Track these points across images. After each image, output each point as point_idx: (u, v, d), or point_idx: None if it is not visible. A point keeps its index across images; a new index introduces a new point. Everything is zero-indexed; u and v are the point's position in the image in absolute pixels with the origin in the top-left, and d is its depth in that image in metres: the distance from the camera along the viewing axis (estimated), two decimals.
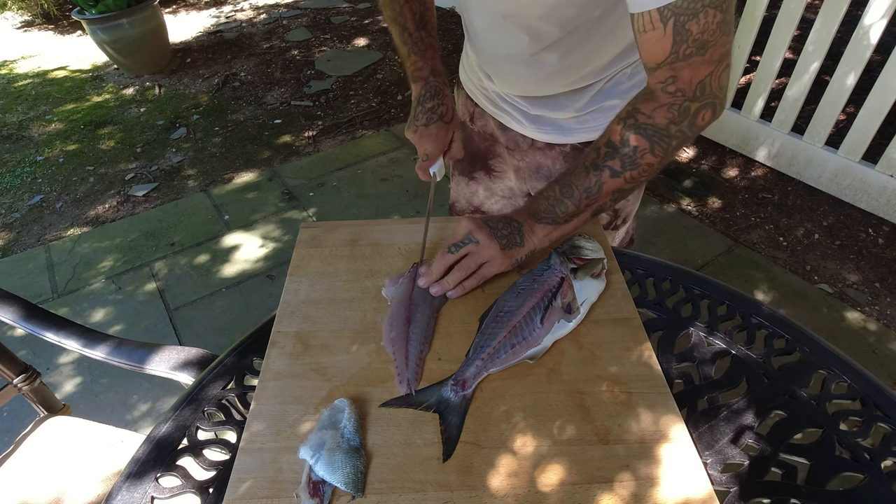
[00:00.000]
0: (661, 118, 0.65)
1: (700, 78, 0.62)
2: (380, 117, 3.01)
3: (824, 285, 1.91)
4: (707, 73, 0.62)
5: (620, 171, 0.69)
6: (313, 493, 0.54)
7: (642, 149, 0.67)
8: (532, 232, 0.74)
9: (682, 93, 0.63)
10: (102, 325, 1.92)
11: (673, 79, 0.63)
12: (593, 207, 0.73)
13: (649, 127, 0.66)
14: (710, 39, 0.59)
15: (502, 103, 0.95)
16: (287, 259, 1.14)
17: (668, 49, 0.60)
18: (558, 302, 0.71)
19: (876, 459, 0.60)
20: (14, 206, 2.55)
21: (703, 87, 0.63)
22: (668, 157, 0.69)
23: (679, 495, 0.54)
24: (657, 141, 0.66)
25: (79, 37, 4.31)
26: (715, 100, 0.64)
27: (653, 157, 0.68)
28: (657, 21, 0.59)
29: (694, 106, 0.64)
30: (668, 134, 0.66)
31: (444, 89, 0.88)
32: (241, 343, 0.75)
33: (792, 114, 2.25)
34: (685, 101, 0.64)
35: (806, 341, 0.73)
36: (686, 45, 0.59)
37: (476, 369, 0.65)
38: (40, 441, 1.02)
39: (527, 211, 0.75)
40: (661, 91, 0.64)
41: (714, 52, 0.60)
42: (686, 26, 0.58)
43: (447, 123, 0.88)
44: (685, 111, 0.64)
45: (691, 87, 0.63)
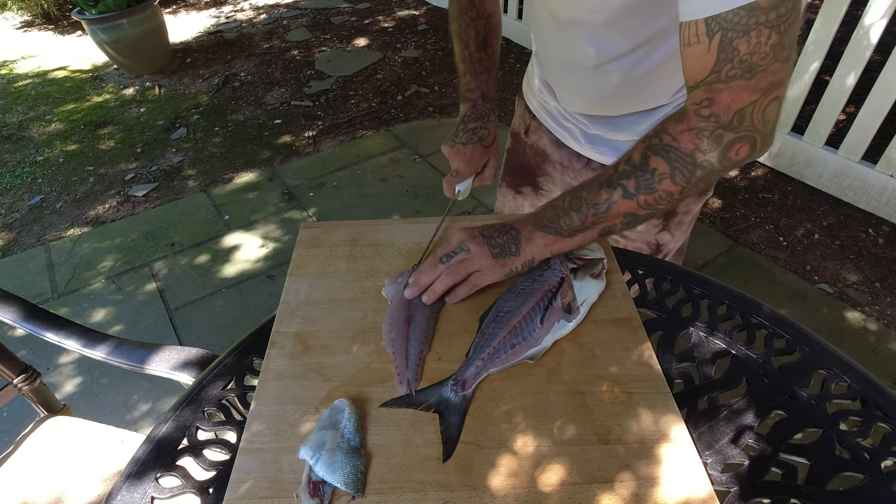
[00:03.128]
0: (687, 143, 0.58)
1: (741, 105, 0.55)
2: (380, 117, 3.01)
3: (824, 285, 1.91)
4: (750, 102, 0.54)
5: (634, 192, 0.63)
6: (313, 494, 0.54)
7: (661, 173, 0.61)
8: (530, 240, 0.71)
9: (717, 119, 0.56)
10: (102, 325, 1.92)
11: (709, 101, 0.56)
12: (601, 227, 0.67)
13: (672, 150, 0.59)
14: (760, 63, 0.52)
15: (562, 119, 0.94)
16: (287, 259, 1.14)
17: (709, 67, 0.54)
18: (558, 302, 0.71)
19: (876, 459, 0.60)
20: (14, 206, 2.55)
21: (743, 116, 0.55)
22: (690, 189, 0.61)
23: (679, 495, 0.54)
24: (679, 167, 0.59)
25: (79, 37, 4.31)
26: (756, 134, 0.56)
27: (672, 185, 0.61)
28: (703, 34, 0.53)
29: (728, 136, 0.56)
30: (692, 162, 0.59)
31: (490, 115, 0.88)
32: (241, 343, 0.75)
33: (792, 114, 2.25)
34: (718, 128, 0.56)
35: (806, 341, 0.73)
36: (731, 66, 0.53)
37: (476, 369, 0.65)
38: (40, 441, 1.02)
39: (532, 218, 0.72)
40: (694, 113, 0.58)
41: (762, 78, 0.53)
42: (734, 44, 0.52)
43: (485, 147, 0.88)
44: (716, 140, 0.57)
45: (728, 113, 0.55)
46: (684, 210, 0.96)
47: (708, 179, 0.61)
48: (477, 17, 0.90)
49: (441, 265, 0.72)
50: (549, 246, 0.71)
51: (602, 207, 0.65)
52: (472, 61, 0.90)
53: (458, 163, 0.87)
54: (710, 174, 0.60)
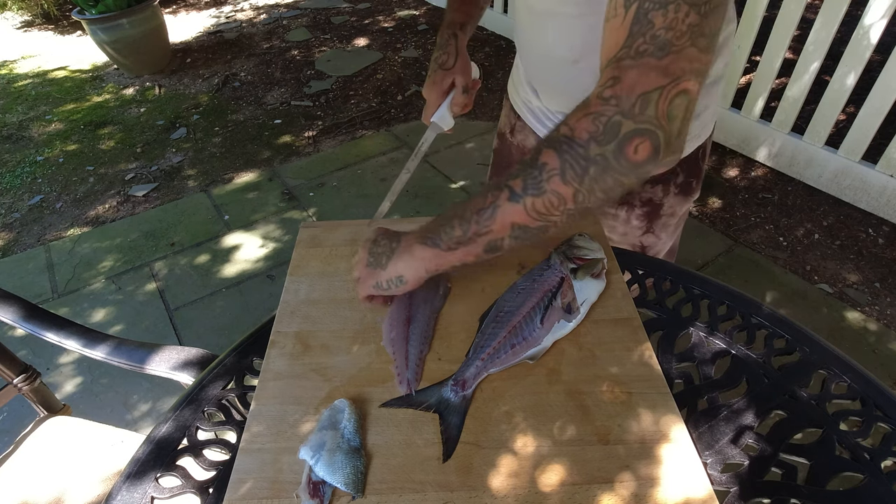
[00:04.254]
0: (582, 131, 0.50)
1: (645, 88, 0.47)
2: (380, 117, 3.01)
3: (824, 285, 1.91)
4: (656, 86, 0.47)
5: (521, 193, 0.53)
6: (313, 494, 0.54)
7: (551, 168, 0.51)
8: (406, 254, 0.64)
9: (618, 101, 0.48)
10: (102, 325, 1.92)
11: (614, 80, 0.49)
12: (486, 239, 0.57)
13: (566, 141, 0.51)
14: (675, 42, 0.46)
15: (545, 119, 0.94)
16: (287, 259, 1.14)
17: (622, 41, 0.49)
18: (558, 302, 0.71)
19: (876, 459, 0.60)
20: (14, 206, 2.55)
21: (647, 102, 0.47)
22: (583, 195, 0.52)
23: (679, 495, 0.54)
24: (570, 162, 0.50)
25: (79, 37, 4.31)
26: (658, 130, 0.48)
27: (562, 185, 0.51)
28: (620, 6, 0.48)
29: (626, 125, 0.48)
30: (585, 155, 0.50)
31: (450, 40, 0.89)
32: (241, 343, 0.75)
33: (792, 114, 2.25)
34: (617, 113, 0.48)
35: (806, 341, 0.73)
36: (643, 40, 0.47)
37: (476, 369, 0.65)
38: (40, 441, 1.02)
39: (419, 230, 0.64)
40: (597, 97, 0.50)
41: (675, 61, 0.47)
42: (649, 16, 0.47)
43: (446, 70, 0.88)
44: (613, 128, 0.48)
45: (631, 96, 0.48)
46: (669, 212, 0.95)
47: (604, 183, 0.51)
48: None
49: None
50: (424, 261, 0.63)
51: (486, 214, 0.56)
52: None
53: (425, 94, 0.90)
54: (604, 174, 0.50)
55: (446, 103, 0.90)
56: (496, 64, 3.41)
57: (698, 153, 0.89)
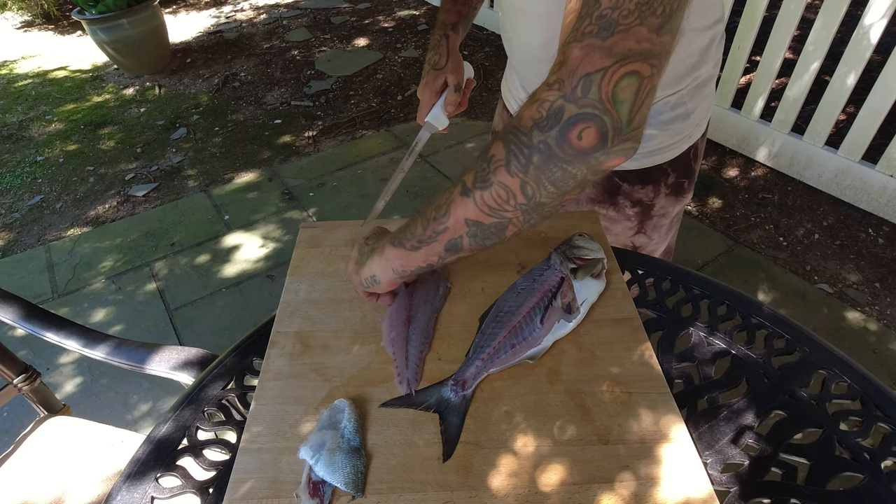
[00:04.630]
0: (527, 118, 0.48)
1: (587, 70, 0.44)
2: (380, 117, 3.01)
3: (824, 285, 1.91)
4: (598, 68, 0.44)
5: (471, 187, 0.52)
6: (313, 494, 0.54)
7: (497, 160, 0.50)
8: (379, 254, 0.65)
9: (560, 85, 0.46)
10: (102, 325, 1.92)
11: (559, 65, 0.47)
12: (445, 238, 0.56)
13: (512, 131, 0.49)
14: (621, 22, 0.43)
15: None
16: (287, 259, 1.14)
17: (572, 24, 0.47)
18: (558, 302, 0.71)
19: (876, 459, 0.60)
20: (14, 206, 2.55)
21: (589, 84, 0.44)
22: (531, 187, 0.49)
23: (679, 495, 0.54)
24: (515, 151, 0.49)
25: (79, 37, 4.31)
26: (604, 115, 0.45)
27: (508, 175, 0.49)
28: None
29: (569, 109, 0.45)
30: (528, 143, 0.48)
31: (442, 41, 0.89)
32: (241, 343, 0.75)
33: (792, 114, 2.25)
34: (559, 97, 0.46)
35: (806, 341, 0.73)
36: (589, 21, 0.45)
37: (476, 369, 0.65)
38: (40, 441, 1.02)
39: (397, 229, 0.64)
40: (544, 83, 0.48)
41: (620, 40, 0.44)
42: None
43: (438, 70, 0.89)
44: (555, 113, 0.46)
45: (573, 77, 0.45)
46: (660, 213, 0.95)
47: (550, 173, 0.48)
48: None
49: None
50: (390, 261, 0.63)
51: (442, 210, 0.55)
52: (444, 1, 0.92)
53: (420, 94, 0.90)
54: (549, 162, 0.47)
55: (440, 103, 0.90)
56: (496, 64, 3.41)
57: (689, 153, 0.89)
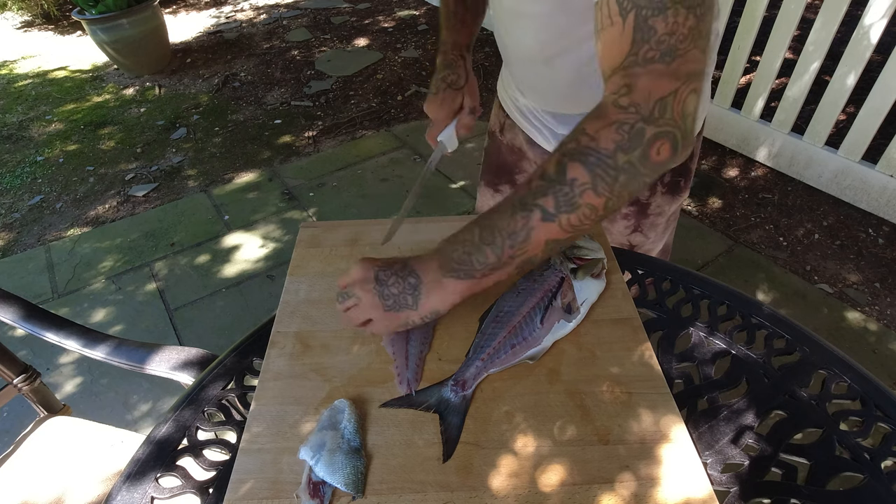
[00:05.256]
0: (607, 140, 0.51)
1: (661, 94, 0.49)
2: (380, 117, 3.01)
3: (824, 285, 1.91)
4: (670, 91, 0.49)
5: (554, 212, 0.53)
6: (313, 494, 0.54)
7: (582, 183, 0.52)
8: (437, 289, 0.60)
9: (636, 109, 0.50)
10: (102, 325, 1.92)
11: (628, 89, 0.50)
12: (520, 260, 0.57)
13: (592, 153, 0.51)
14: (679, 46, 0.48)
15: (531, 118, 0.94)
16: (287, 259, 1.14)
17: (626, 49, 0.50)
18: (558, 302, 0.71)
19: (876, 459, 0.60)
20: (14, 206, 2.55)
21: (665, 107, 0.50)
22: (613, 202, 0.53)
23: (679, 495, 0.54)
24: (601, 174, 0.51)
25: (79, 37, 4.31)
26: (676, 129, 0.50)
27: (595, 197, 0.52)
28: (615, 14, 0.50)
29: (649, 130, 0.50)
30: (614, 165, 0.51)
31: (458, 61, 0.88)
32: (241, 343, 0.75)
33: (792, 114, 2.25)
34: (639, 120, 0.50)
35: (806, 341, 0.73)
36: (649, 47, 0.49)
37: (476, 369, 0.65)
38: (40, 441, 1.02)
39: (437, 259, 0.61)
40: (613, 105, 0.51)
41: (682, 64, 0.49)
42: (650, 22, 0.48)
43: (456, 90, 0.87)
44: (637, 135, 0.50)
45: (649, 102, 0.50)
46: (657, 211, 0.95)
47: (631, 188, 0.53)
48: None
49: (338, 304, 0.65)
50: (460, 293, 0.61)
51: (520, 237, 0.55)
52: (448, 16, 0.91)
53: (432, 112, 0.88)
54: (633, 180, 0.52)
55: (454, 123, 0.88)
56: (496, 64, 3.41)
57: None
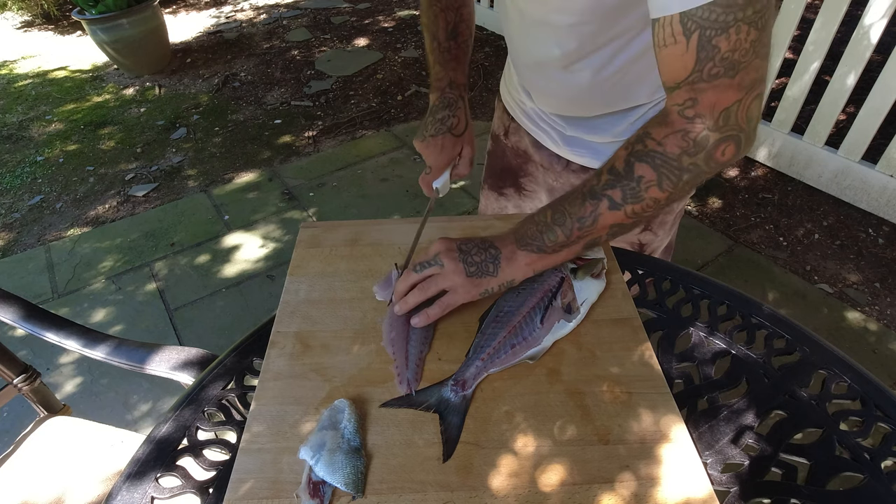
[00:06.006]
0: (673, 146, 0.57)
1: (725, 105, 0.54)
2: (380, 117, 3.01)
3: (824, 285, 1.91)
4: (735, 100, 0.54)
5: (621, 203, 0.61)
6: (313, 494, 0.54)
7: (648, 180, 0.59)
8: (512, 260, 0.68)
9: (702, 119, 0.55)
10: (102, 325, 1.92)
11: (693, 101, 0.55)
12: (586, 240, 0.65)
13: (658, 156, 0.58)
14: (742, 60, 0.51)
15: (539, 121, 0.93)
16: (287, 259, 1.14)
17: (690, 66, 0.53)
18: (558, 302, 0.71)
19: (876, 459, 0.60)
20: (14, 206, 2.55)
21: (728, 115, 0.54)
22: (677, 194, 0.60)
23: (679, 495, 0.54)
24: (666, 173, 0.58)
25: (79, 37, 4.31)
26: (740, 133, 0.55)
27: (659, 192, 0.59)
28: (679, 34, 0.52)
29: (713, 137, 0.55)
30: (679, 166, 0.57)
31: (458, 102, 0.86)
32: (241, 343, 0.75)
33: (792, 114, 2.25)
34: (704, 129, 0.55)
35: (806, 341, 0.73)
36: (712, 64, 0.52)
37: (476, 369, 0.65)
38: (40, 441, 1.02)
39: (513, 235, 0.69)
40: (678, 115, 0.57)
41: (745, 76, 0.52)
42: (713, 41, 0.51)
43: (456, 136, 0.85)
44: (702, 142, 0.56)
45: (713, 113, 0.55)
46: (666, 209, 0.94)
47: (695, 182, 0.59)
48: (446, 7, 0.88)
49: (414, 275, 0.69)
50: (531, 265, 0.68)
51: (588, 221, 0.63)
52: (440, 51, 0.88)
53: (430, 157, 0.85)
54: (697, 177, 0.58)
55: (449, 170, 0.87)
56: (496, 64, 3.41)
57: None
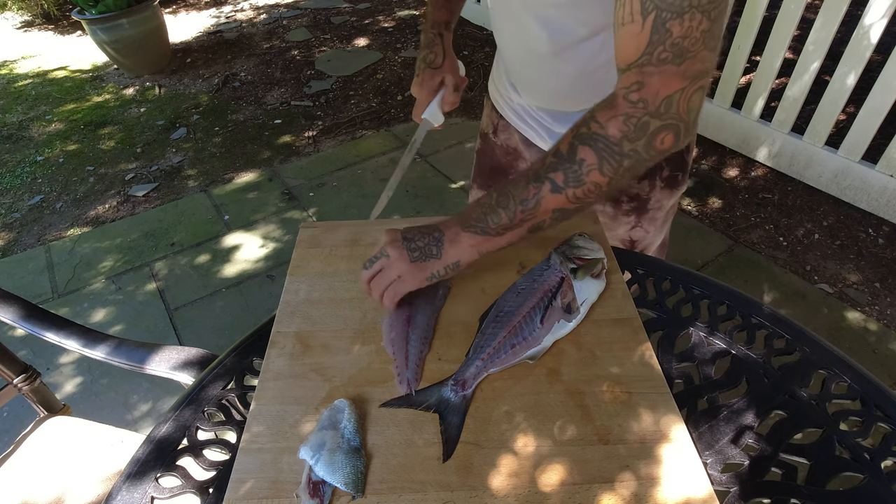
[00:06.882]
0: (614, 130, 0.58)
1: (669, 92, 0.55)
2: (380, 117, 3.01)
3: (824, 285, 1.91)
4: (678, 89, 0.55)
5: (562, 186, 0.61)
6: (313, 494, 0.54)
7: (590, 164, 0.59)
8: (456, 242, 0.67)
9: (645, 104, 0.56)
10: (102, 325, 1.92)
11: (639, 85, 0.56)
12: (530, 224, 0.65)
13: (601, 139, 0.58)
14: (691, 48, 0.53)
15: (527, 117, 0.94)
16: (287, 259, 1.14)
17: (642, 48, 0.54)
18: (558, 302, 0.71)
19: (876, 459, 0.60)
20: (14, 206, 2.55)
21: (670, 103, 0.55)
22: (617, 180, 0.60)
23: (679, 495, 0.54)
24: (607, 157, 0.58)
25: (79, 37, 4.31)
26: (680, 122, 0.56)
27: (600, 176, 0.60)
28: (637, 13, 0.53)
29: (654, 123, 0.56)
30: (620, 151, 0.58)
31: (436, 39, 0.91)
32: (241, 343, 0.75)
33: (792, 114, 2.25)
34: (645, 114, 0.56)
35: (806, 341, 0.73)
36: (663, 48, 0.53)
37: (476, 369, 0.65)
38: (40, 441, 1.02)
39: (458, 218, 0.69)
40: (623, 98, 0.57)
41: (691, 65, 0.54)
42: (667, 25, 0.52)
43: (434, 69, 0.91)
44: (643, 127, 0.56)
45: (656, 99, 0.55)
46: (656, 206, 0.95)
47: (635, 169, 0.60)
48: None
49: (366, 272, 0.70)
50: (476, 247, 0.68)
51: (530, 203, 0.63)
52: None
53: (414, 92, 0.92)
54: (637, 164, 0.59)
55: (436, 100, 0.92)
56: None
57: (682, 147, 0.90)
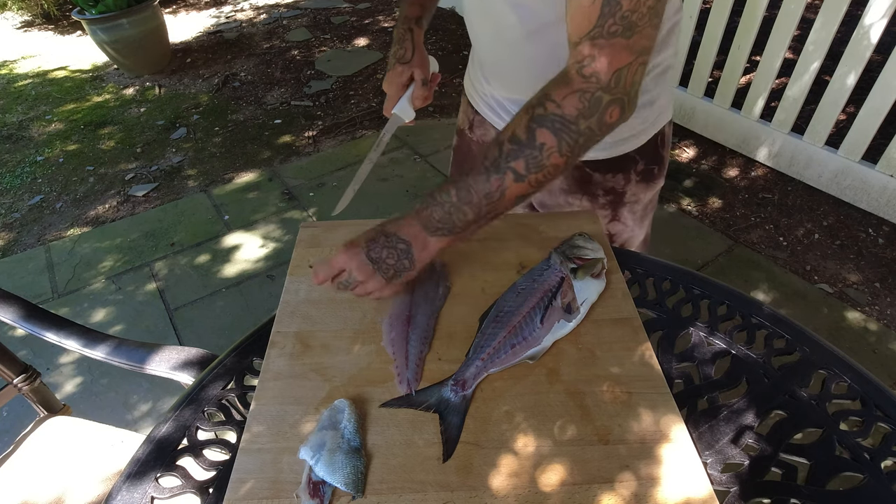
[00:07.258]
0: (571, 108, 0.58)
1: (619, 65, 0.56)
2: (380, 117, 3.01)
3: (824, 285, 1.91)
4: (626, 63, 0.56)
5: (525, 174, 0.61)
6: (313, 494, 0.54)
7: (549, 147, 0.59)
8: (425, 248, 0.68)
9: (597, 78, 0.57)
10: (102, 325, 1.92)
11: (591, 59, 0.57)
12: (495, 214, 0.66)
13: (558, 119, 0.59)
14: (638, 23, 0.54)
15: (500, 110, 0.94)
16: (287, 259, 1.14)
17: (594, 20, 0.55)
18: (558, 302, 0.71)
19: (876, 459, 0.60)
20: (14, 206, 2.55)
21: (620, 77, 0.57)
22: (573, 159, 0.61)
23: (679, 495, 0.54)
24: (565, 137, 0.59)
25: (79, 37, 4.31)
26: (625, 96, 0.58)
27: (559, 158, 0.60)
28: None
29: (606, 98, 0.58)
30: (576, 130, 0.59)
31: (406, 34, 0.91)
32: (241, 343, 0.75)
33: (792, 114, 2.25)
34: (598, 89, 0.57)
35: (806, 341, 0.73)
36: (613, 21, 0.54)
37: (476, 369, 0.65)
38: (40, 441, 1.02)
39: (419, 222, 0.67)
40: (577, 73, 0.58)
41: (638, 40, 0.55)
42: None
43: (403, 64, 0.91)
44: (596, 102, 0.58)
45: (608, 73, 0.57)
46: (633, 199, 0.95)
47: (587, 146, 0.61)
48: None
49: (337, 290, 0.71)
50: (445, 246, 0.69)
51: (495, 196, 0.63)
52: None
53: (385, 88, 0.92)
54: (589, 140, 0.60)
55: (406, 96, 0.92)
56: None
57: (657, 140, 0.90)
